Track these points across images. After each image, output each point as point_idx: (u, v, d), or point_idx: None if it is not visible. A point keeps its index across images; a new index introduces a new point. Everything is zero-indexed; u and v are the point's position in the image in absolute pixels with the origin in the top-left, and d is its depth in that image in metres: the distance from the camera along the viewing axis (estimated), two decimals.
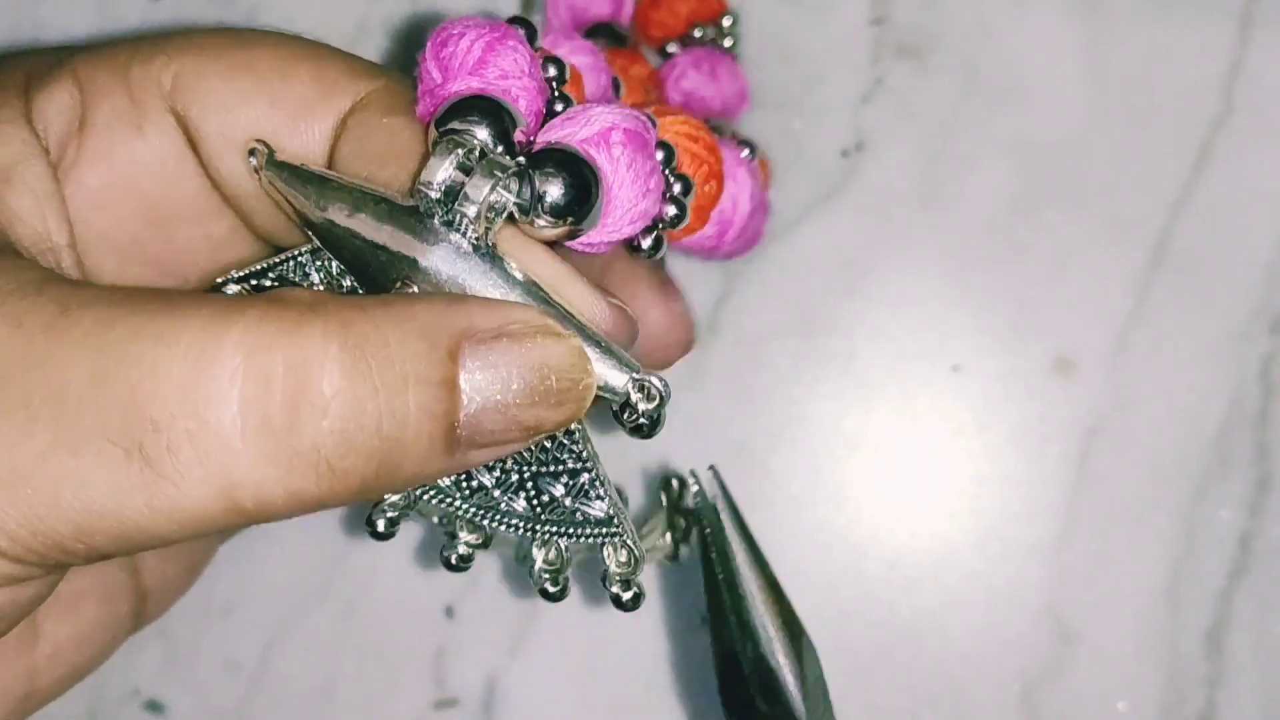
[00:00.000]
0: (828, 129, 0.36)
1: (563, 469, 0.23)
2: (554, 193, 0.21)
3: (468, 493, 0.24)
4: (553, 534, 0.24)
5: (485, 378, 0.21)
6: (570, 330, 0.22)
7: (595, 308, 0.22)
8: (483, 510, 0.24)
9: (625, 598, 0.24)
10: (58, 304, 0.20)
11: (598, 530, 0.24)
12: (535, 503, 0.24)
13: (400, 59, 0.37)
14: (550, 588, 0.24)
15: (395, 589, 0.37)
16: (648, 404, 0.22)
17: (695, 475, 0.28)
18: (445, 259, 0.21)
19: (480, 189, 0.21)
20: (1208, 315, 0.35)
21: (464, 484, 0.24)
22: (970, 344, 0.36)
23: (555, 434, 0.23)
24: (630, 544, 0.24)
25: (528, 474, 0.24)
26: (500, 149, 0.21)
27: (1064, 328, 0.36)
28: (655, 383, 0.22)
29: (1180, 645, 0.35)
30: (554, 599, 0.25)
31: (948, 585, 0.36)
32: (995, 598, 0.36)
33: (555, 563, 0.24)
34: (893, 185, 0.36)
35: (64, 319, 0.20)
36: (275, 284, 0.24)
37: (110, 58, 0.24)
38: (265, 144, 0.24)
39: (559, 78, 0.23)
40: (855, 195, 0.36)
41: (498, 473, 0.24)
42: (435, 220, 0.21)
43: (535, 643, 0.37)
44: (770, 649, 0.24)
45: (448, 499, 0.24)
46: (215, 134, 0.24)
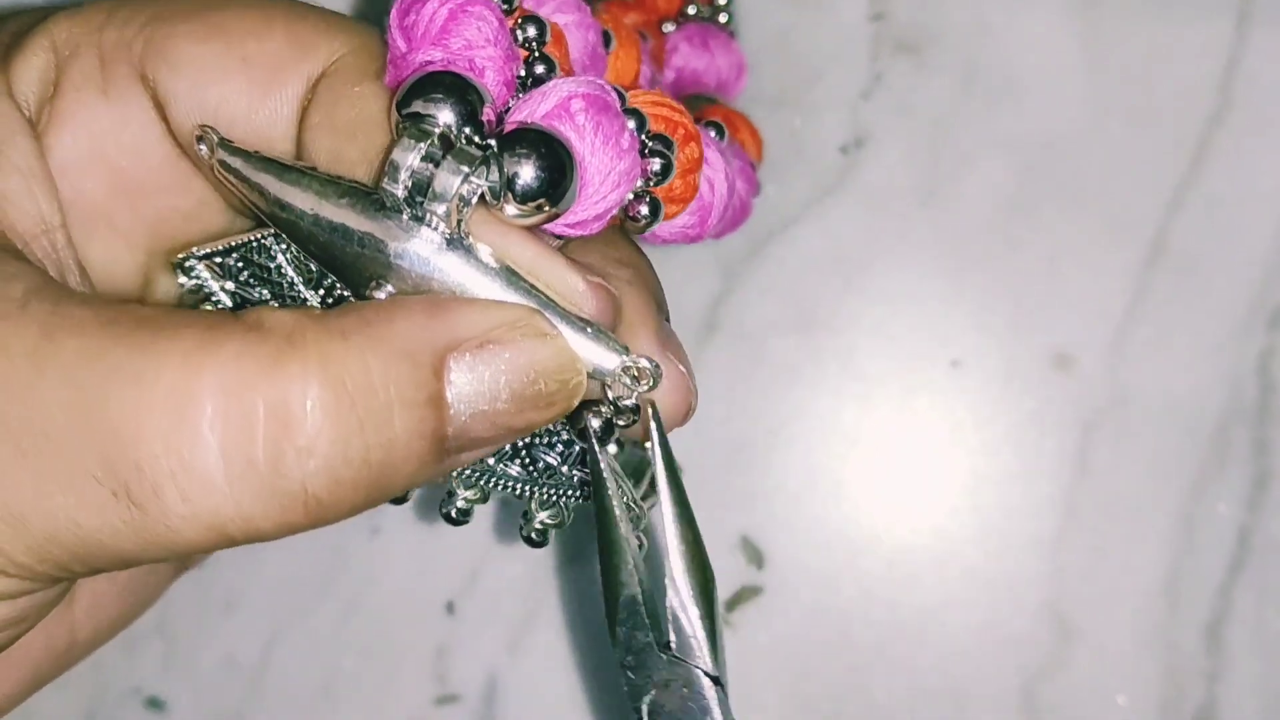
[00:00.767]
0: (827, 125, 0.37)
1: (557, 439, 0.23)
2: (525, 175, 0.20)
3: None
4: (551, 495, 0.24)
5: (472, 389, 0.21)
6: (556, 328, 0.21)
7: (577, 290, 0.21)
8: (478, 474, 0.24)
9: (536, 540, 0.24)
10: (41, 327, 0.20)
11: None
12: (531, 469, 0.23)
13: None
14: (536, 537, 0.24)
15: (396, 586, 0.37)
16: (637, 386, 0.21)
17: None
18: (418, 255, 0.21)
19: (449, 184, 0.20)
20: (1205, 311, 0.36)
21: None
22: (969, 340, 0.36)
23: None
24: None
25: (521, 444, 0.23)
26: (467, 130, 0.20)
27: (1062, 324, 0.36)
28: (645, 364, 0.21)
29: (1179, 639, 0.35)
30: (537, 545, 0.24)
31: (947, 581, 0.36)
32: (995, 593, 0.36)
33: (557, 518, 0.24)
34: (892, 182, 0.36)
35: (47, 345, 0.20)
36: (240, 263, 0.23)
37: (86, 19, 0.23)
38: (214, 129, 0.23)
39: (539, 38, 0.22)
40: (854, 192, 0.36)
41: None
42: (404, 215, 0.21)
43: (536, 639, 0.37)
44: (678, 594, 0.22)
45: None
46: (184, 99, 0.23)
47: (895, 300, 0.36)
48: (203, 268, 0.24)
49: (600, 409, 0.22)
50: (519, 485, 0.24)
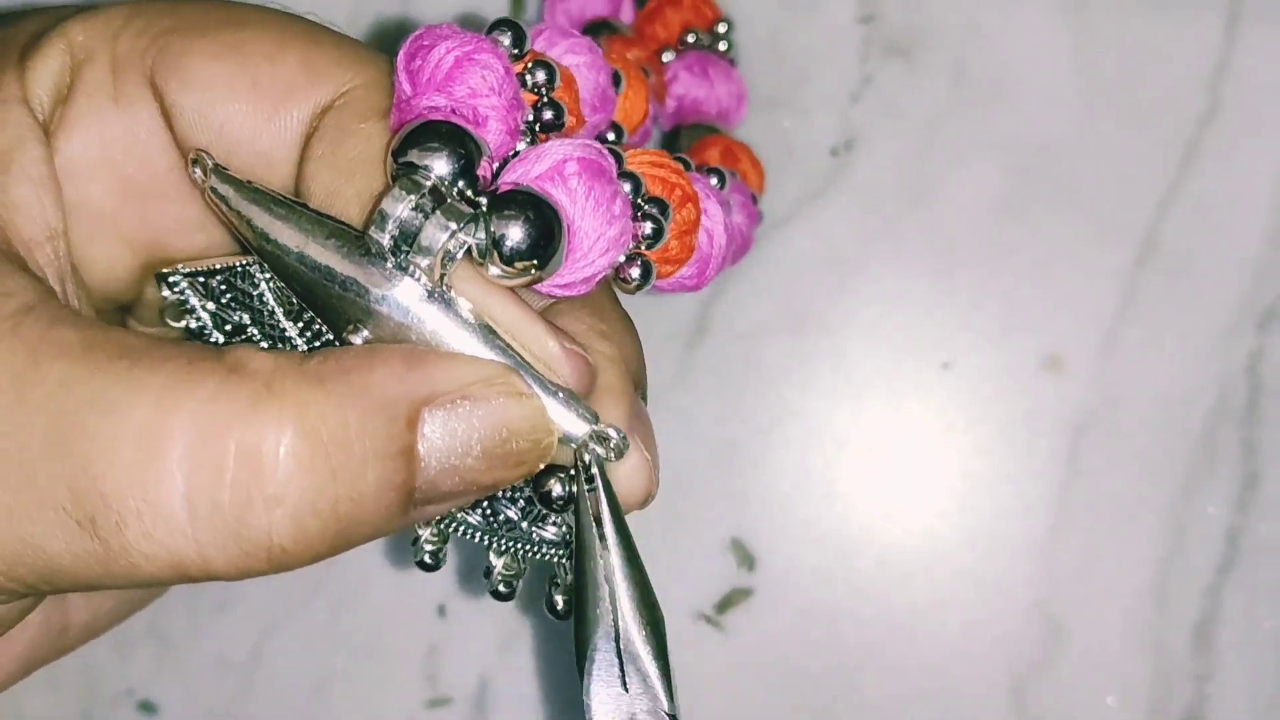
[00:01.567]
0: (817, 127, 0.37)
1: (519, 494, 0.23)
2: (513, 237, 0.20)
3: None
4: (509, 545, 0.24)
5: (445, 444, 0.20)
6: (531, 389, 0.21)
7: (553, 355, 0.21)
8: (441, 517, 0.24)
9: (503, 592, 0.24)
10: (29, 351, 0.20)
11: (553, 550, 0.24)
12: (491, 520, 0.23)
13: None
14: (503, 589, 0.24)
15: (387, 587, 0.37)
16: (602, 454, 0.21)
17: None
18: (398, 304, 0.21)
19: (435, 238, 0.20)
20: (1195, 312, 0.36)
21: None
22: (959, 342, 0.36)
23: None
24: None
25: (484, 497, 0.23)
26: (460, 184, 0.20)
27: (1053, 325, 0.36)
28: (613, 434, 0.21)
29: (1169, 640, 0.35)
30: (504, 598, 0.24)
31: (938, 582, 0.36)
32: (985, 594, 0.36)
33: (512, 569, 0.24)
34: (882, 183, 0.36)
35: (33, 371, 0.20)
36: (223, 286, 0.24)
37: (104, 23, 0.23)
38: (209, 154, 0.23)
39: (548, 83, 0.22)
40: (845, 194, 0.36)
41: None
42: (388, 263, 0.20)
43: (527, 641, 0.37)
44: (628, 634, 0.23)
45: None
46: (191, 114, 0.23)
47: (886, 302, 0.36)
48: (186, 284, 0.24)
49: (564, 475, 0.22)
50: (477, 533, 0.24)
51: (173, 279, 0.24)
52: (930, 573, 0.36)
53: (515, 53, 0.22)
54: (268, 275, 0.23)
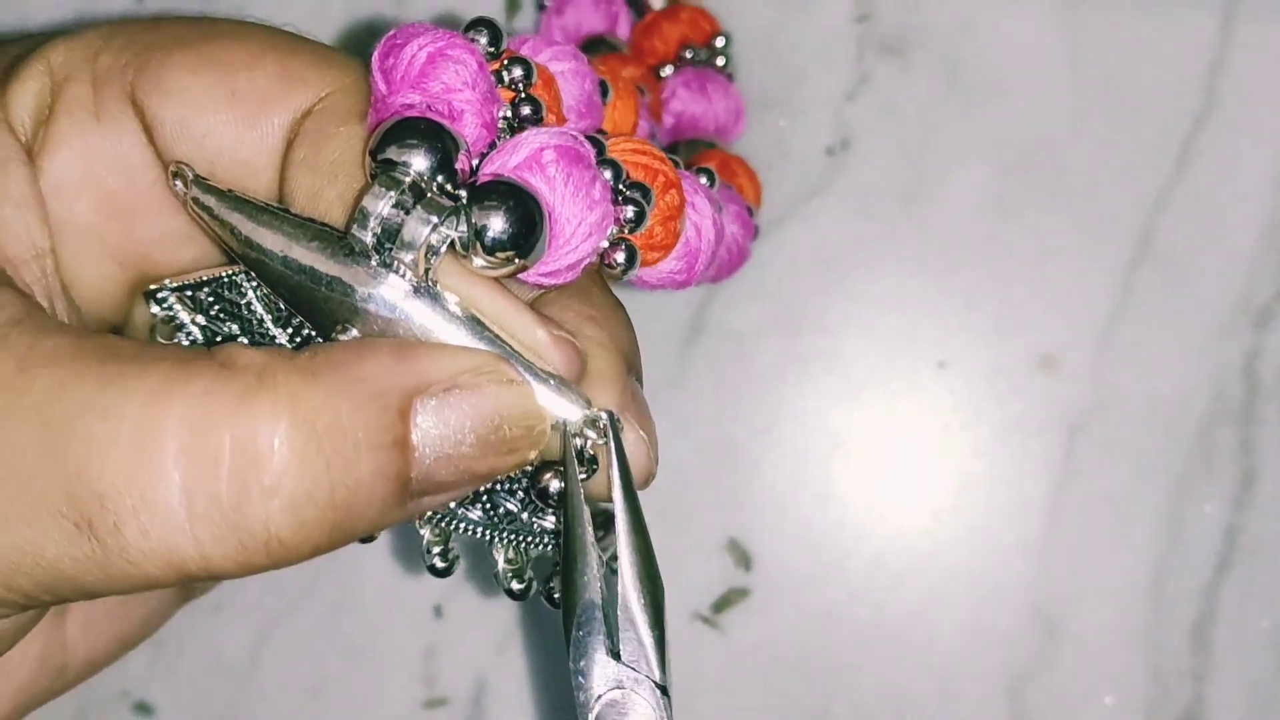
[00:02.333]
0: (812, 127, 0.37)
1: (518, 486, 0.23)
2: (494, 228, 0.20)
3: None
4: (510, 539, 0.24)
5: (438, 433, 0.21)
6: (522, 377, 0.21)
7: (542, 343, 0.22)
8: (439, 515, 0.24)
9: (517, 589, 0.24)
10: (17, 360, 0.20)
11: (554, 540, 0.24)
12: (492, 514, 0.24)
13: None
14: (515, 586, 0.24)
15: (384, 588, 0.37)
16: (596, 438, 0.22)
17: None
18: (385, 301, 0.21)
19: (418, 233, 0.20)
20: (1191, 311, 0.36)
21: None
22: (955, 341, 0.36)
23: None
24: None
25: (482, 490, 0.23)
26: (440, 178, 0.21)
27: (1048, 324, 0.36)
28: (605, 417, 0.22)
29: (1166, 640, 0.35)
30: (519, 597, 0.24)
31: (934, 582, 0.36)
32: (981, 594, 0.36)
33: (515, 561, 0.24)
34: (877, 183, 0.36)
35: (21, 379, 0.20)
36: (211, 298, 0.24)
37: (83, 44, 0.24)
38: (189, 166, 0.23)
39: (525, 80, 0.22)
40: (840, 193, 0.36)
41: None
42: (372, 261, 0.21)
43: (524, 641, 0.37)
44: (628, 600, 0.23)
45: None
46: (172, 126, 0.23)
47: (881, 302, 0.36)
48: (174, 299, 0.24)
49: (560, 469, 0.22)
50: (479, 529, 0.24)
51: (160, 295, 0.24)
52: (926, 573, 0.36)
53: (492, 51, 0.22)
54: (255, 283, 0.23)
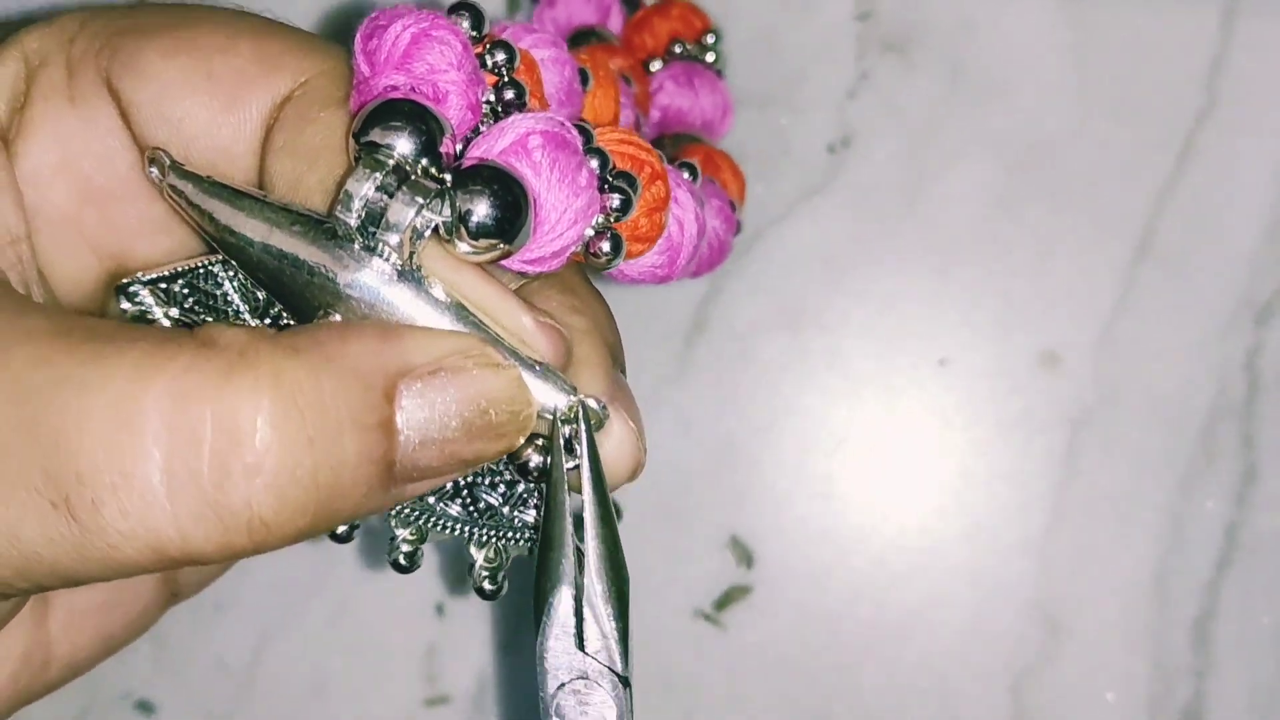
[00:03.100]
0: (814, 125, 0.37)
1: (500, 479, 0.23)
2: (479, 212, 0.20)
3: None
4: (490, 536, 0.23)
5: (423, 416, 0.20)
6: (509, 360, 0.21)
7: (527, 329, 0.21)
8: (417, 512, 0.23)
9: (488, 590, 0.24)
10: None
11: (534, 535, 0.23)
12: (472, 509, 0.23)
13: None
14: (488, 586, 0.24)
15: (386, 587, 0.37)
16: (583, 423, 0.21)
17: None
18: (368, 286, 0.20)
19: (403, 215, 0.20)
20: (1193, 308, 0.36)
21: None
22: (956, 338, 0.36)
23: None
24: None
25: (463, 483, 0.23)
26: (424, 161, 0.20)
27: (1049, 322, 0.36)
28: (593, 405, 0.21)
29: (1167, 636, 0.35)
30: (490, 597, 0.24)
31: (935, 579, 0.36)
32: (983, 591, 0.36)
33: (494, 561, 0.24)
34: (879, 181, 0.36)
35: None
36: (185, 290, 0.23)
37: (58, 30, 0.23)
38: (165, 152, 0.22)
39: (507, 63, 0.22)
40: (841, 191, 0.36)
41: None
42: (356, 245, 0.20)
43: (525, 640, 0.37)
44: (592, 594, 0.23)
45: None
46: (148, 109, 0.23)
47: (883, 299, 0.36)
48: (146, 293, 0.23)
49: (540, 444, 0.22)
50: (458, 525, 0.23)
51: (131, 289, 0.23)
52: (928, 570, 0.36)
53: (474, 35, 0.22)
54: (231, 272, 0.22)
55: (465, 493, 0.23)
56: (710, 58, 0.36)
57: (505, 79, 0.22)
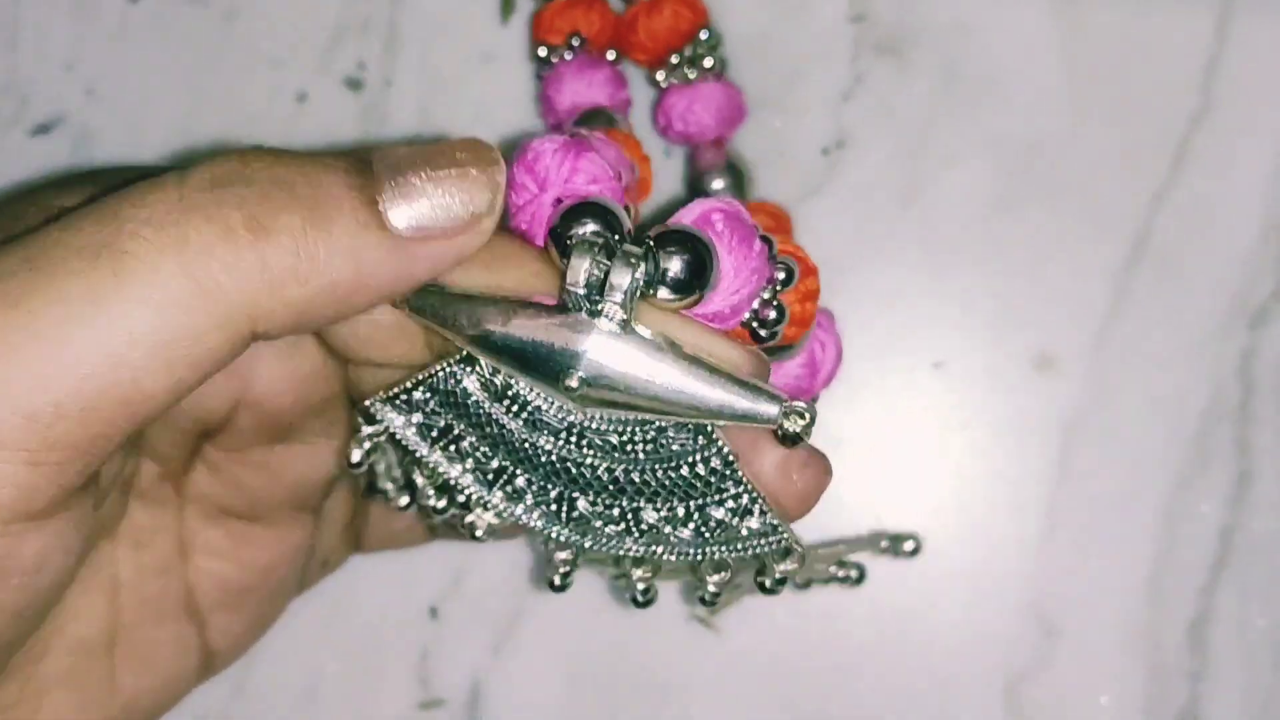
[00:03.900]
0: (808, 127, 0.37)
1: (726, 494, 0.26)
2: (675, 267, 0.24)
3: (637, 534, 0.27)
4: (721, 554, 0.26)
5: (403, 173, 0.23)
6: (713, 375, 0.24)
7: (737, 356, 0.25)
8: (652, 544, 0.27)
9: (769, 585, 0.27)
10: None
11: (761, 541, 0.26)
12: (703, 529, 0.26)
13: (381, 59, 0.37)
14: (709, 600, 0.28)
15: (379, 590, 0.37)
16: (799, 425, 0.25)
17: None
18: (602, 346, 0.24)
19: (623, 278, 0.23)
20: (1187, 311, 0.36)
21: (633, 526, 0.26)
22: (952, 341, 0.36)
23: (717, 467, 0.25)
24: (792, 543, 0.26)
25: (693, 506, 0.26)
26: (617, 238, 0.24)
27: (1044, 324, 0.36)
28: (801, 406, 0.25)
29: (1163, 639, 0.35)
30: (709, 604, 0.28)
31: (931, 580, 0.36)
32: (978, 594, 0.36)
33: (723, 582, 0.27)
34: (874, 183, 0.36)
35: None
36: (426, 395, 0.26)
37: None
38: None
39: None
40: (836, 193, 0.37)
41: (664, 511, 0.26)
42: (583, 313, 0.24)
43: (520, 643, 0.37)
44: None
45: (618, 543, 0.27)
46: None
47: (878, 301, 0.36)
48: (389, 408, 0.27)
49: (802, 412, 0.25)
50: (692, 550, 0.26)
51: (374, 408, 0.27)
52: (924, 572, 0.36)
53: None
54: (469, 369, 0.26)
55: (695, 514, 0.26)
56: (708, 62, 0.35)
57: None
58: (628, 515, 0.26)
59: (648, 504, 0.26)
